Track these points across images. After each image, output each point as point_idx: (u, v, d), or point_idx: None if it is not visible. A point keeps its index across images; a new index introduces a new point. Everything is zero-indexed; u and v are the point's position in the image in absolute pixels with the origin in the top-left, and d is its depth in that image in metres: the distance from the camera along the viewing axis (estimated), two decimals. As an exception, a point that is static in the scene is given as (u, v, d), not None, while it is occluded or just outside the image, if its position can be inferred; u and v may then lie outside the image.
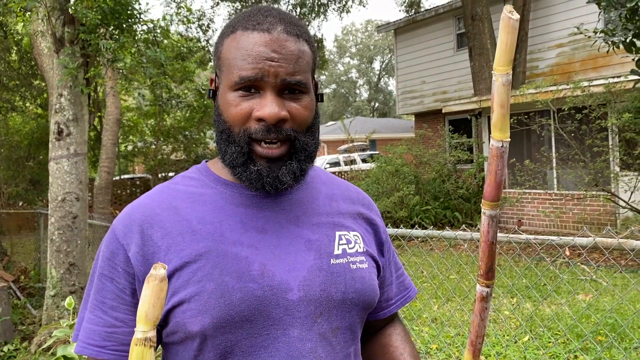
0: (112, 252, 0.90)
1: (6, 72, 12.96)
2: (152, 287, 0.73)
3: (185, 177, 0.99)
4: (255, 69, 0.85)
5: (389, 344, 1.09)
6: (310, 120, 0.91)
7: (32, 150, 15.29)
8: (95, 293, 0.90)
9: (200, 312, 0.84)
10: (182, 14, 8.78)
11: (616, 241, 2.42)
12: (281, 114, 0.86)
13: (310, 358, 0.88)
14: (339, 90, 50.40)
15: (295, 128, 0.88)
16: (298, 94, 0.89)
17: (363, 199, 1.09)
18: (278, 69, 0.85)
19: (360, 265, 0.96)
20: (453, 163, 11.02)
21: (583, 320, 4.70)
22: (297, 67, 0.87)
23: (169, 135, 15.18)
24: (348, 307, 0.93)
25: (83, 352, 0.88)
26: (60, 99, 5.12)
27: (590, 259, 6.73)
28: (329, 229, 0.96)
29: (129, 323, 0.88)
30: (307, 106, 0.90)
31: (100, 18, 4.87)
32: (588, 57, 11.14)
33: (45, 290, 5.19)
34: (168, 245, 0.88)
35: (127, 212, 0.94)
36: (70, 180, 5.07)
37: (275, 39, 0.86)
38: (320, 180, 1.04)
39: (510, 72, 0.68)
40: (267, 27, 0.86)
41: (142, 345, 0.73)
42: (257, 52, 0.85)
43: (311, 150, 0.92)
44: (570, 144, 8.13)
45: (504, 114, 0.67)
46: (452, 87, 14.08)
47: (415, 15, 15.75)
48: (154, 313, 0.73)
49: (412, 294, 1.14)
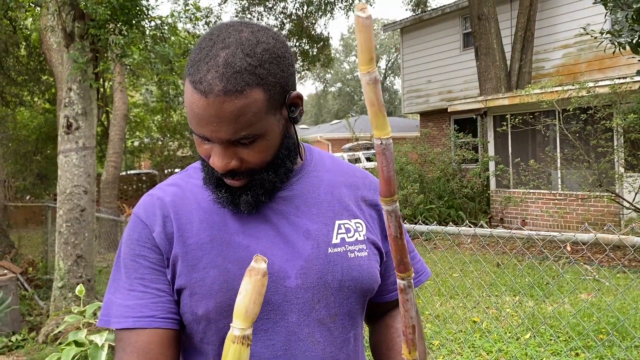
0: (139, 233, 0.95)
1: (15, 67, 13.06)
2: (254, 282, 0.69)
3: (197, 169, 1.04)
4: (198, 129, 0.87)
5: (391, 325, 1.13)
6: (269, 158, 0.92)
7: (39, 145, 15.40)
8: (131, 272, 0.94)
9: (204, 297, 0.90)
10: (190, 11, 8.83)
11: (617, 237, 2.45)
12: (229, 167, 0.89)
13: (307, 342, 0.93)
14: (344, 88, 50.40)
15: (252, 167, 0.91)
16: (251, 142, 0.88)
17: (370, 183, 1.10)
18: (218, 134, 0.86)
19: (358, 253, 0.99)
20: (458, 162, 11.05)
21: (585, 318, 4.73)
22: (238, 125, 0.85)
23: (175, 132, 15.26)
24: (346, 294, 0.97)
25: (135, 324, 0.90)
26: (70, 93, 5.18)
27: (593, 259, 6.75)
28: (328, 219, 1.00)
29: (169, 292, 0.93)
30: (260, 150, 0.90)
31: (109, 13, 4.93)
32: (594, 58, 11.14)
33: (53, 282, 5.26)
34: (179, 230, 0.94)
35: (145, 199, 1.00)
36: (78, 173, 5.14)
37: (212, 103, 0.83)
38: (324, 168, 1.06)
39: (372, 70, 0.67)
40: (204, 88, 0.83)
41: (240, 343, 0.69)
42: (198, 115, 0.85)
43: (269, 185, 0.94)
44: (574, 144, 8.15)
45: (376, 112, 0.67)
46: (458, 87, 14.09)
47: (421, 14, 15.76)
48: (254, 310, 0.69)
49: (422, 277, 1.15)
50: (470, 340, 4.41)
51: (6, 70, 12.69)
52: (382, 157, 0.69)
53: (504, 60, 11.31)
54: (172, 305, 0.93)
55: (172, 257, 0.93)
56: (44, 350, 4.65)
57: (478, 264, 6.74)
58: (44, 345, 4.82)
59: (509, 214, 10.24)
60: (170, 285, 0.93)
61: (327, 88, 51.46)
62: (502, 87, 11.03)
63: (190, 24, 14.24)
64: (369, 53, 0.67)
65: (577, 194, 8.90)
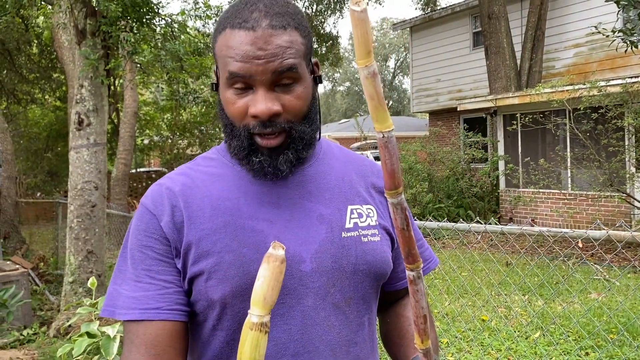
0: (147, 224, 0.94)
1: (26, 65, 13.17)
2: (272, 269, 0.68)
3: (205, 158, 1.04)
4: (242, 68, 0.88)
5: (401, 314, 1.13)
6: (306, 108, 0.94)
7: (50, 142, 15.52)
8: (138, 263, 0.93)
9: (221, 282, 0.90)
10: (201, 9, 8.86)
11: (629, 234, 2.44)
12: (273, 109, 0.89)
13: (323, 326, 0.93)
14: (353, 87, 50.36)
15: (290, 119, 0.91)
16: (290, 85, 0.91)
17: (378, 171, 1.12)
18: (266, 65, 0.87)
19: (371, 238, 1.00)
20: (467, 161, 11.01)
21: (595, 317, 4.71)
22: (285, 58, 0.88)
23: (184, 130, 15.32)
24: (360, 278, 0.97)
25: (141, 316, 0.90)
26: (81, 89, 5.22)
27: (605, 257, 6.71)
28: (340, 203, 1.00)
29: (177, 283, 0.93)
30: (300, 96, 0.92)
31: (121, 11, 4.96)
32: (605, 57, 11.06)
33: (64, 277, 5.30)
34: (190, 218, 0.93)
35: (153, 188, 0.99)
36: (89, 169, 5.17)
37: (260, 35, 0.87)
38: (333, 156, 1.08)
39: (371, 63, 0.67)
40: (252, 24, 0.88)
41: (258, 330, 0.69)
42: (243, 51, 0.88)
43: (308, 138, 0.95)
44: (585, 143, 8.09)
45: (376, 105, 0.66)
46: (468, 86, 14.04)
47: (431, 13, 15.72)
48: (272, 297, 0.69)
49: (431, 265, 1.16)
50: (479, 339, 4.40)
51: (18, 68, 12.81)
52: (385, 150, 0.68)
53: (514, 59, 11.25)
54: (180, 297, 0.92)
55: (183, 245, 0.92)
56: (54, 344, 4.69)
57: (487, 262, 6.71)
58: (55, 339, 4.86)
59: (519, 213, 10.19)
60: (179, 276, 0.93)
61: (336, 87, 51.44)
62: (512, 86, 10.98)
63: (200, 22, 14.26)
64: (366, 46, 0.68)
65: (588, 194, 8.84)
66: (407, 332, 1.09)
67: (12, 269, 5.50)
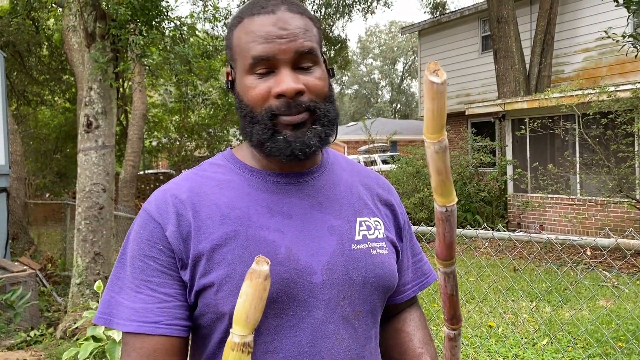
0: (150, 232, 0.91)
1: (37, 67, 13.27)
2: (255, 286, 0.66)
3: (212, 164, 1.02)
4: (266, 47, 0.89)
5: (401, 329, 1.11)
6: (326, 90, 0.95)
7: (59, 144, 15.62)
8: (138, 273, 0.90)
9: (231, 293, 0.87)
10: (209, 12, 8.91)
11: (639, 243, 2.42)
12: (298, 87, 0.89)
13: (333, 339, 0.91)
14: (361, 91, 50.35)
15: (314, 99, 0.92)
16: (310, 68, 0.93)
17: (383, 184, 1.12)
18: (288, 44, 0.89)
19: (380, 250, 0.99)
20: (475, 166, 10.97)
21: (604, 325, 4.67)
22: (306, 38, 0.92)
23: (193, 132, 15.36)
24: (369, 291, 0.96)
25: (138, 329, 0.88)
26: (90, 92, 5.25)
27: (614, 265, 6.66)
28: (350, 215, 0.99)
29: (178, 297, 0.90)
30: (320, 77, 0.94)
31: (130, 14, 4.98)
32: (615, 62, 10.99)
33: (71, 279, 5.32)
34: (199, 227, 0.91)
35: (158, 195, 0.96)
36: (97, 171, 5.20)
37: (281, 17, 0.91)
38: (340, 167, 1.07)
39: (442, 138, 0.66)
40: (271, 9, 0.91)
41: (240, 350, 0.66)
42: (265, 32, 0.90)
43: (332, 117, 0.95)
44: (594, 149, 8.04)
45: (443, 180, 0.67)
46: (476, 90, 14.00)
47: (440, 17, 15.69)
48: (255, 315, 0.66)
49: (430, 280, 1.16)
50: (486, 345, 4.37)
51: (28, 70, 12.91)
52: (446, 224, 0.69)
53: (523, 63, 11.21)
54: (180, 311, 0.90)
55: (191, 256, 0.89)
56: (61, 346, 4.71)
57: (495, 268, 6.68)
58: (61, 340, 4.88)
59: (527, 218, 10.14)
60: (181, 289, 0.90)
61: (344, 90, 51.45)
62: (521, 91, 10.93)
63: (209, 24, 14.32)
64: (440, 120, 0.65)
65: (597, 200, 8.78)
66: (408, 348, 1.08)
67: (20, 270, 5.53)
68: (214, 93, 14.54)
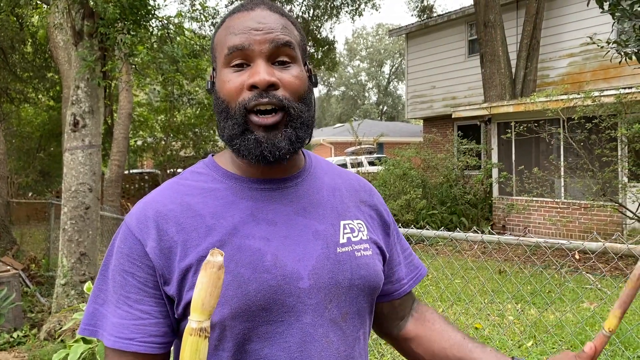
0: (130, 248, 0.91)
1: (20, 64, 13.09)
2: (209, 275, 0.71)
3: (194, 172, 1.00)
4: (242, 38, 0.91)
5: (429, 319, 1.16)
6: (303, 90, 0.94)
7: (43, 142, 15.43)
8: (118, 288, 0.91)
9: (219, 304, 0.87)
10: (197, 11, 8.86)
11: (626, 247, 2.45)
12: (271, 79, 0.89)
13: (322, 342, 0.92)
14: (348, 92, 50.45)
15: (287, 96, 0.91)
16: (287, 65, 0.93)
17: (364, 185, 1.13)
18: (264, 36, 0.91)
19: (364, 252, 1.00)
20: (461, 168, 11.05)
21: (588, 327, 4.73)
22: (283, 32, 0.93)
23: (178, 132, 15.28)
24: (355, 293, 0.98)
25: (114, 345, 0.89)
26: (77, 91, 5.19)
27: (595, 269, 6.75)
28: (333, 219, 1.00)
29: (155, 314, 0.90)
30: (297, 76, 0.93)
31: (119, 12, 4.94)
32: (599, 67, 11.14)
33: (56, 279, 5.26)
34: (184, 240, 0.90)
35: (139, 207, 0.95)
36: (84, 171, 5.14)
37: (259, 13, 0.93)
38: (322, 170, 1.07)
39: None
40: (250, 6, 0.94)
41: (197, 335, 0.71)
42: (243, 25, 0.92)
43: (306, 118, 0.94)
44: (579, 153, 8.15)
45: None
46: (462, 93, 14.10)
47: (427, 20, 15.79)
48: (210, 302, 0.71)
49: (422, 272, 1.19)
50: (472, 347, 4.40)
51: (11, 67, 12.73)
52: None
53: (509, 67, 11.32)
54: (155, 328, 0.90)
55: (177, 270, 0.89)
56: (45, 348, 4.65)
57: (481, 270, 6.73)
58: (45, 342, 4.82)
59: (512, 221, 10.23)
60: (159, 307, 0.91)
61: (331, 92, 51.52)
62: (506, 95, 11.04)
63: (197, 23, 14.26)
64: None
65: (581, 203, 8.89)
66: (451, 337, 1.11)
67: (3, 271, 5.45)
68: (200, 93, 14.47)
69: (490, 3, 11.03)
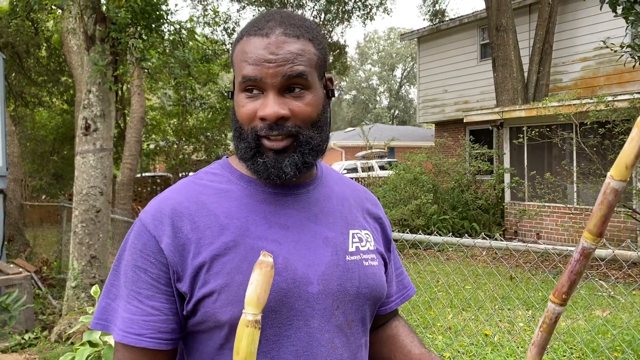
0: (144, 244, 0.92)
1: (35, 68, 13.26)
2: (264, 273, 0.79)
3: (208, 172, 1.03)
4: (254, 70, 0.91)
5: (397, 334, 1.16)
6: (315, 115, 0.94)
7: (56, 145, 15.59)
8: (130, 283, 0.93)
9: (229, 303, 0.89)
10: (209, 16, 8.93)
11: (636, 254, 2.42)
12: (281, 113, 0.90)
13: (327, 347, 0.94)
14: (359, 96, 50.42)
15: (298, 124, 0.93)
16: (300, 92, 0.92)
17: (370, 198, 1.15)
18: (276, 69, 0.90)
19: (371, 262, 1.03)
20: (473, 173, 10.98)
21: (600, 335, 4.67)
22: (295, 63, 0.91)
23: (190, 136, 15.37)
24: (361, 301, 0.99)
25: (123, 340, 0.91)
26: (89, 95, 5.24)
27: (610, 275, 6.66)
28: (343, 228, 1.02)
29: (165, 311, 0.92)
30: (309, 103, 0.93)
31: (130, 17, 4.99)
32: (613, 71, 11.04)
33: (67, 282, 5.30)
34: (198, 238, 0.92)
35: (154, 204, 0.97)
36: (95, 174, 5.18)
37: (273, 42, 0.91)
38: (332, 180, 1.10)
39: None
40: (266, 31, 0.92)
41: (253, 327, 0.78)
42: (256, 55, 0.91)
43: (315, 144, 0.95)
44: (592, 158, 8.07)
45: None
46: (474, 97, 14.04)
47: (439, 24, 15.75)
48: (264, 297, 0.79)
49: (410, 292, 1.21)
50: (482, 354, 4.37)
51: (26, 71, 12.89)
52: None
53: (522, 72, 11.24)
54: (165, 325, 0.92)
55: (190, 267, 0.91)
56: (56, 349, 4.69)
57: (491, 276, 6.68)
58: (56, 344, 4.86)
59: (523, 227, 10.15)
60: (170, 304, 0.92)
61: (342, 96, 51.53)
62: (519, 99, 10.97)
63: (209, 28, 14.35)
64: None
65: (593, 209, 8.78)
66: (411, 351, 1.12)
67: (16, 273, 5.50)
68: (212, 97, 14.55)
69: (503, 7, 10.97)
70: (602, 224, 0.80)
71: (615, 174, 0.76)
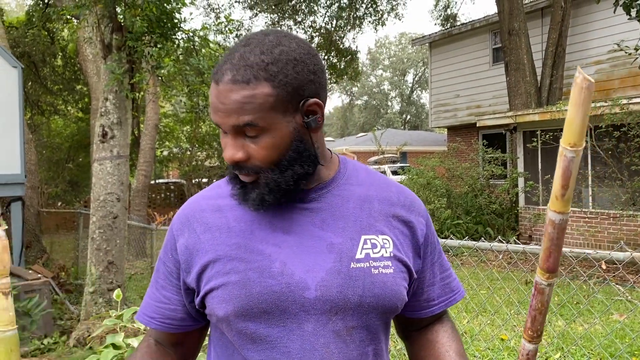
0: (168, 241, 1.06)
1: (51, 77, 13.44)
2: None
3: (227, 178, 1.09)
4: (214, 116, 0.95)
5: (435, 340, 1.12)
6: (276, 156, 0.94)
7: (72, 153, 15.75)
8: (155, 273, 1.08)
9: (224, 300, 0.95)
10: (222, 23, 8.99)
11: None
12: (235, 158, 0.94)
13: (322, 352, 0.94)
14: (371, 102, 50.43)
15: (259, 165, 0.94)
16: (255, 137, 0.92)
17: (404, 199, 1.08)
18: (224, 119, 0.92)
19: (383, 270, 0.99)
20: (486, 178, 10.94)
21: (618, 339, 4.63)
22: (240, 114, 0.90)
23: (203, 142, 15.46)
24: (365, 310, 0.97)
25: (138, 318, 1.07)
26: (106, 102, 5.31)
27: (626, 280, 6.60)
28: (354, 233, 1.00)
29: (174, 302, 1.05)
30: (264, 146, 0.92)
31: (146, 26, 5.06)
32: (628, 74, 10.96)
33: (84, 287, 5.36)
34: (208, 239, 1.00)
35: (183, 207, 1.09)
36: (112, 181, 5.25)
37: (222, 90, 0.91)
38: (357, 181, 1.06)
39: None
40: (218, 77, 0.92)
41: None
42: (212, 102, 0.94)
43: (274, 185, 0.95)
44: (607, 161, 8.01)
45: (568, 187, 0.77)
46: (487, 102, 14.00)
47: (451, 29, 15.74)
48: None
49: (457, 296, 1.16)
50: (498, 358, 4.35)
51: (42, 80, 13.08)
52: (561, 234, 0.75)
53: (535, 75, 11.20)
54: (172, 313, 1.05)
55: (198, 266, 0.99)
56: (74, 354, 4.74)
57: (507, 280, 6.65)
58: (74, 349, 4.91)
59: (538, 231, 10.08)
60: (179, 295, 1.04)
61: (354, 101, 51.57)
62: (532, 103, 10.92)
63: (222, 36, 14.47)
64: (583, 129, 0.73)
65: (609, 213, 8.72)
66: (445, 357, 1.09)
67: (35, 278, 5.58)
68: (225, 104, 14.59)
69: (515, 11, 10.95)
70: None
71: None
